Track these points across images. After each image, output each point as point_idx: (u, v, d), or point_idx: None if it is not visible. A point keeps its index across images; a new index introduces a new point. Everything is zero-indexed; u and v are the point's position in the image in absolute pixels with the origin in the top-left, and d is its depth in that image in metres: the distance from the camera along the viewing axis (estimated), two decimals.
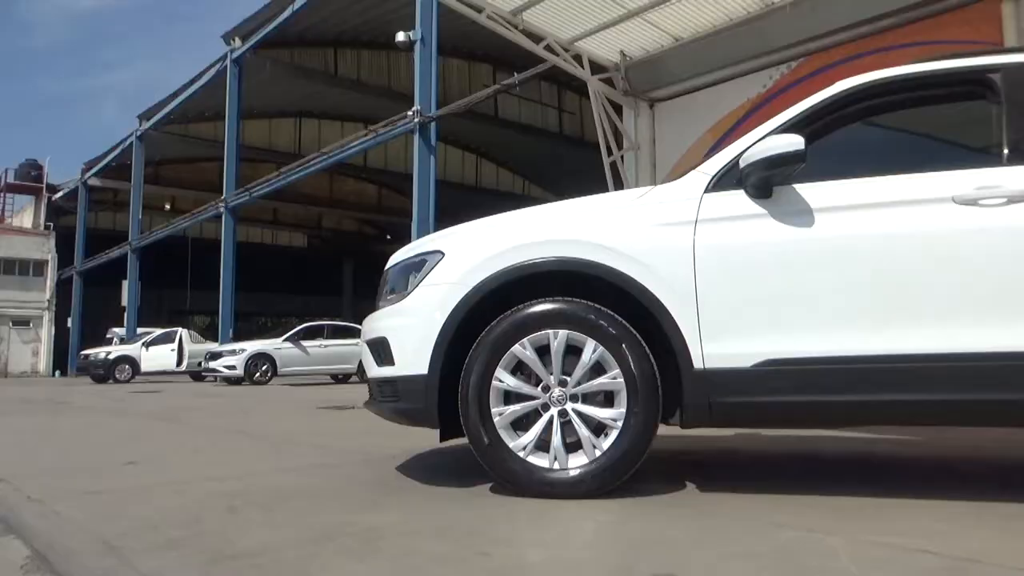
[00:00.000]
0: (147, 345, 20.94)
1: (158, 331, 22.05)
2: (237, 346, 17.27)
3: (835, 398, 2.52)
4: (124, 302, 28.58)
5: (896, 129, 2.99)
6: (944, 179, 2.54)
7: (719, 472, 3.40)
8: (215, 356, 17.07)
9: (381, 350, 2.97)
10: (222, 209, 23.07)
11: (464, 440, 2.80)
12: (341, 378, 17.71)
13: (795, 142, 2.51)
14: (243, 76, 23.29)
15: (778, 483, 3.03)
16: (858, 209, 2.58)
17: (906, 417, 2.69)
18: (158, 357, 20.59)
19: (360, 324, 3.51)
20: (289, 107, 30.74)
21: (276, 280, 39.14)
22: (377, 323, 3.05)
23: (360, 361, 13.06)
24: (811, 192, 2.61)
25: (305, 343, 16.92)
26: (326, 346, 17.04)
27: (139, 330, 25.49)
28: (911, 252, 2.51)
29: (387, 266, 3.22)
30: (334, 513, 2.49)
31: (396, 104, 20.32)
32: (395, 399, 2.91)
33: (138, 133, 28.84)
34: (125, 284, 28.90)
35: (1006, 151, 2.58)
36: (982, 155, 2.72)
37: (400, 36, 14.84)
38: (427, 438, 3.51)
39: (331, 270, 42.94)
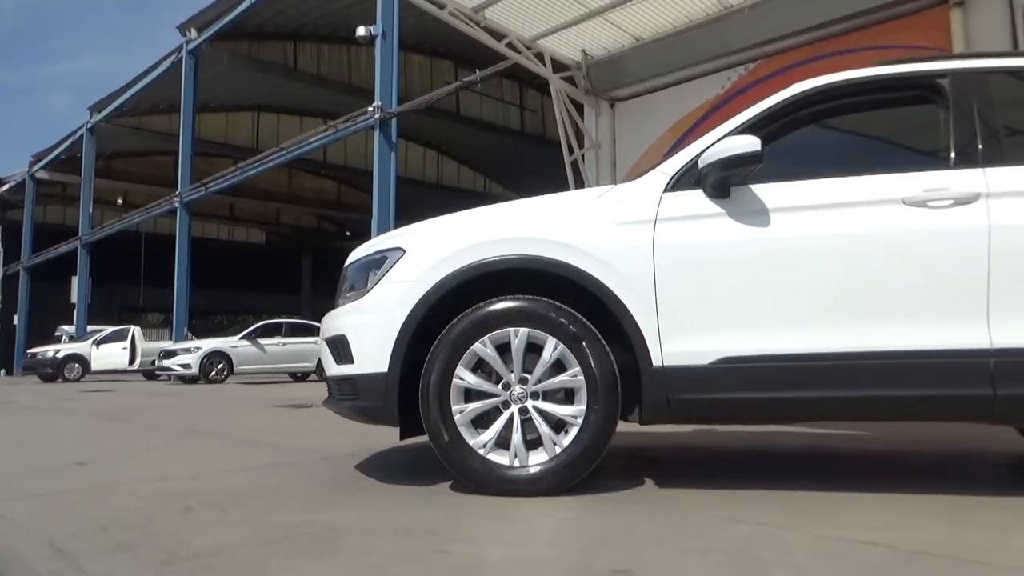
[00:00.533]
0: (98, 343, 20.39)
1: (109, 329, 21.49)
2: (192, 344, 16.91)
3: (790, 394, 2.57)
4: (74, 299, 27.77)
5: (849, 132, 3.06)
6: (894, 181, 2.61)
7: (677, 468, 3.44)
8: (169, 354, 16.70)
9: (340, 348, 2.94)
10: (177, 204, 22.56)
11: (424, 438, 2.78)
12: (299, 376, 17.48)
13: (752, 143, 2.55)
14: (199, 68, 22.79)
15: (734, 479, 3.08)
16: (812, 210, 2.63)
17: (858, 412, 2.75)
18: (109, 355, 20.06)
19: (319, 322, 3.47)
20: (247, 101, 30.20)
21: (233, 277, 38.47)
22: (336, 321, 3.02)
23: (319, 359, 12.92)
24: (767, 193, 2.66)
25: (262, 341, 16.66)
26: (284, 344, 16.80)
27: (89, 328, 24.81)
28: (862, 252, 2.57)
29: (347, 263, 3.19)
30: (291, 512, 2.46)
31: (356, 99, 20.13)
32: (354, 397, 2.89)
33: (89, 125, 28.04)
34: (75, 280, 28.08)
35: (953, 154, 2.66)
36: (931, 158, 2.80)
37: (361, 31, 14.68)
38: (386, 436, 3.49)
39: (289, 267, 42.33)
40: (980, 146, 2.64)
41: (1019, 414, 2.70)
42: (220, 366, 16.14)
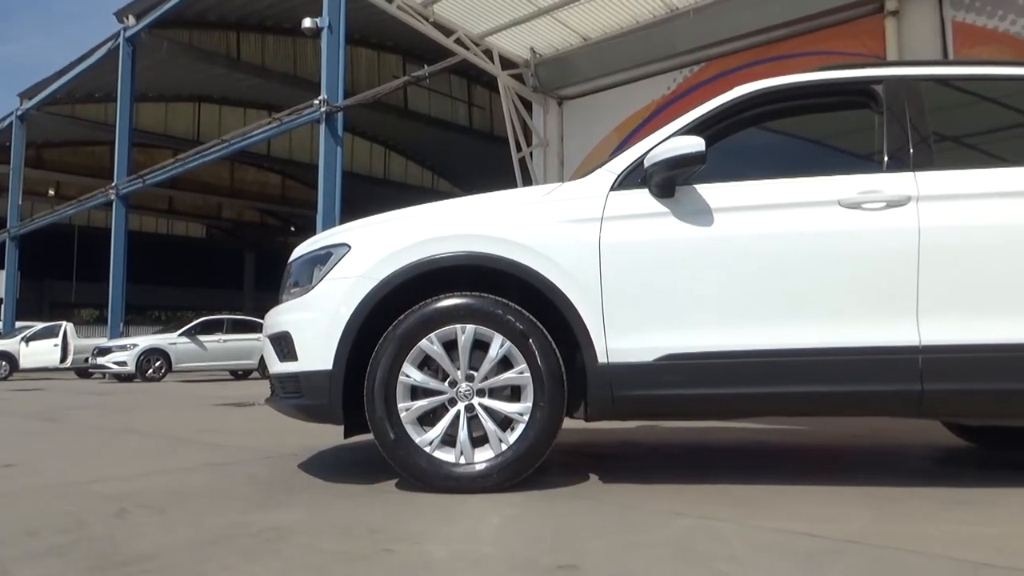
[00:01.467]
0: (27, 340, 19.55)
1: (40, 325, 20.64)
2: (128, 341, 16.39)
3: (731, 390, 2.63)
4: (1, 294, 26.62)
5: (790, 134, 3.14)
6: (831, 183, 2.70)
7: (620, 464, 3.49)
8: (104, 352, 16.14)
9: (284, 345, 2.89)
10: (112, 196, 21.82)
11: (369, 436, 2.76)
12: (241, 374, 17.11)
13: (696, 144, 2.60)
14: (137, 56, 22.09)
15: (676, 473, 3.14)
16: (753, 210, 2.70)
17: (796, 408, 2.84)
18: (39, 353, 19.25)
19: (262, 318, 3.40)
20: (187, 91, 29.39)
21: (172, 272, 37.45)
22: (280, 317, 2.97)
23: (261, 357, 12.66)
24: (711, 193, 2.71)
25: (203, 338, 16.24)
26: (225, 341, 16.41)
27: (18, 324, 23.80)
28: (801, 252, 2.65)
29: (291, 259, 3.14)
30: (232, 514, 2.41)
31: (302, 92, 19.79)
32: (298, 395, 2.84)
33: (19, 113, 26.89)
34: (2, 275, 26.91)
35: (886, 158, 2.76)
36: (866, 161, 2.90)
37: (307, 22, 14.45)
38: (330, 435, 3.45)
39: (231, 262, 41.39)
40: (911, 151, 2.74)
41: (945, 408, 2.82)
42: (158, 364, 15.68)
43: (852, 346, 2.58)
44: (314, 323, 2.78)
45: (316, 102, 14.60)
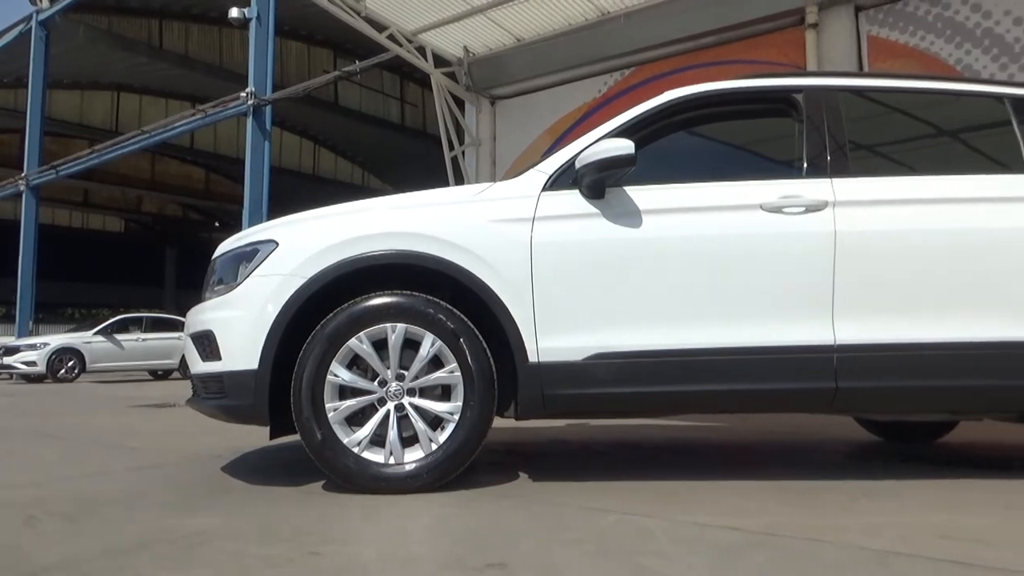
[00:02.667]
0: None
1: None
2: (38, 340, 15.57)
3: (658, 388, 2.70)
4: None
5: (716, 139, 3.24)
6: (754, 188, 2.79)
7: (550, 462, 3.52)
8: (11, 351, 15.28)
9: (207, 344, 2.81)
10: (22, 187, 20.71)
11: (295, 437, 2.71)
12: (161, 374, 16.50)
13: (626, 146, 2.65)
14: (51, 41, 21.02)
15: (604, 470, 3.19)
16: (680, 212, 2.77)
17: (720, 405, 2.93)
18: None
19: (183, 316, 3.29)
20: (105, 79, 28.11)
21: (87, 268, 35.77)
22: (203, 315, 2.88)
23: (183, 356, 12.25)
24: (640, 195, 2.77)
25: (120, 336, 15.57)
26: (144, 340, 15.79)
27: None
28: (725, 254, 2.73)
29: (215, 255, 3.05)
30: (150, 519, 2.32)
31: (228, 84, 19.23)
32: (221, 396, 2.76)
33: None
34: None
35: (805, 165, 2.87)
36: (787, 167, 3.00)
37: (234, 12, 14.05)
38: (255, 436, 3.37)
39: (151, 258, 39.80)
40: (829, 158, 2.86)
41: (858, 405, 2.96)
42: (71, 364, 14.97)
43: (772, 345, 2.68)
44: (239, 322, 2.71)
45: (243, 94, 14.21)
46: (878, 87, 3.17)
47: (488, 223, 2.74)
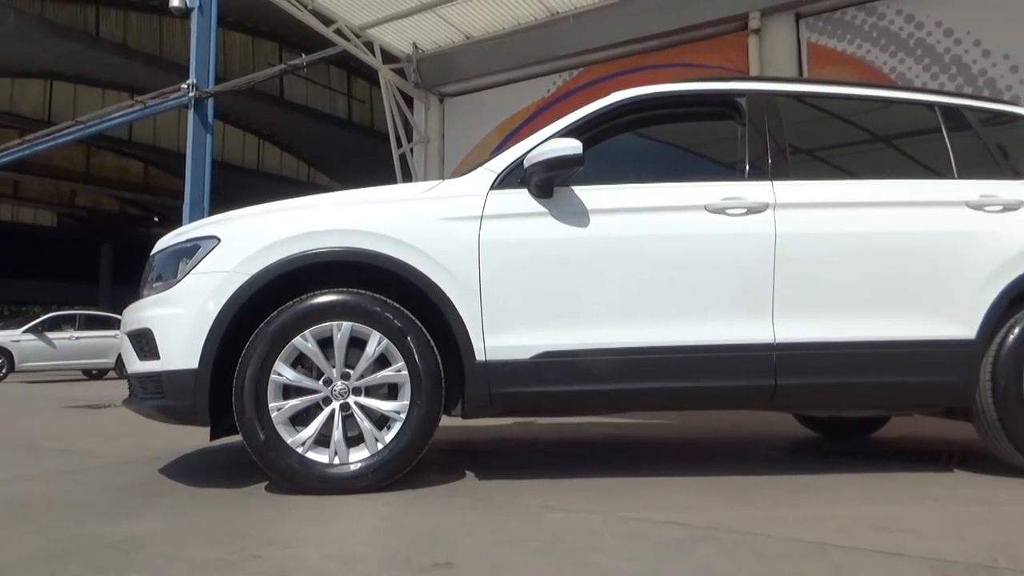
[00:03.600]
0: None
1: None
2: None
3: (603, 387, 2.73)
4: None
5: (663, 141, 3.29)
6: (699, 189, 2.85)
7: (496, 461, 3.53)
8: None
9: (144, 342, 2.73)
10: None
11: (237, 438, 2.65)
12: (96, 374, 15.95)
13: (574, 146, 2.67)
14: None
15: (550, 469, 3.21)
16: (627, 213, 2.80)
17: (664, 403, 2.97)
18: None
19: (119, 314, 3.19)
20: (38, 67, 26.97)
21: (16, 263, 34.32)
22: (140, 313, 2.79)
23: (119, 355, 11.86)
24: (587, 195, 2.79)
25: (51, 335, 14.99)
26: (78, 338, 15.23)
27: None
28: (670, 254, 2.78)
29: (154, 251, 2.97)
30: (85, 524, 2.24)
31: (168, 75, 18.70)
32: (160, 396, 2.69)
33: None
34: None
35: (747, 167, 2.94)
36: (730, 169, 3.07)
37: (175, 1, 13.65)
38: (195, 438, 3.29)
39: (86, 254, 38.40)
40: (770, 161, 2.93)
41: (796, 402, 3.04)
42: None
43: (715, 344, 2.73)
44: (179, 320, 2.64)
45: (184, 86, 13.82)
46: (817, 93, 3.26)
47: (436, 221, 2.73)
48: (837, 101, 3.24)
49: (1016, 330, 2.84)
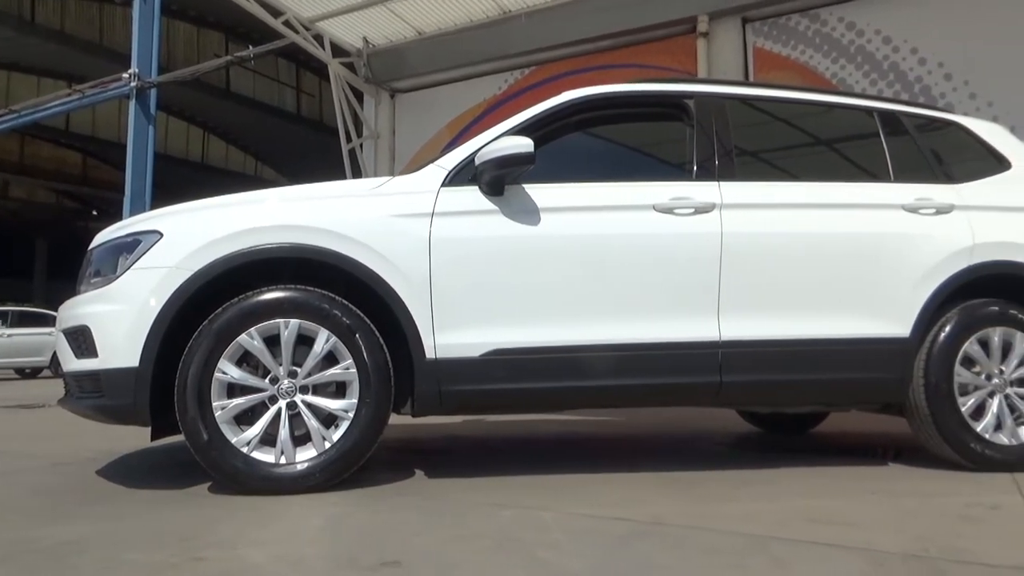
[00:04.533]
0: None
1: None
2: None
3: (552, 384, 2.75)
4: None
5: (613, 141, 3.32)
6: (648, 189, 2.89)
7: (446, 459, 3.52)
8: None
9: (82, 340, 2.64)
10: None
11: (179, 438, 2.59)
12: (29, 373, 15.38)
13: (525, 144, 2.67)
14: None
15: (500, 466, 3.21)
16: (577, 211, 2.83)
17: (612, 400, 3.01)
18: None
19: (54, 311, 3.08)
20: None
21: None
22: (77, 310, 2.70)
23: (54, 353, 11.45)
24: (538, 193, 2.80)
25: None
26: (10, 336, 14.66)
27: None
28: (619, 252, 2.81)
29: (92, 245, 2.87)
30: (15, 528, 2.16)
31: (109, 64, 18.08)
32: (98, 395, 2.61)
33: None
34: None
35: (695, 168, 2.99)
36: (679, 170, 3.11)
37: None
38: (134, 438, 3.20)
39: (19, 248, 36.92)
40: (717, 162, 2.99)
41: (740, 398, 3.11)
42: None
43: (663, 341, 2.77)
44: (118, 316, 2.56)
45: (126, 75, 13.39)
46: (763, 96, 3.34)
47: (387, 218, 2.71)
48: (782, 105, 3.32)
49: (947, 328, 2.96)
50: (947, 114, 3.59)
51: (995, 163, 3.33)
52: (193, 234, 2.63)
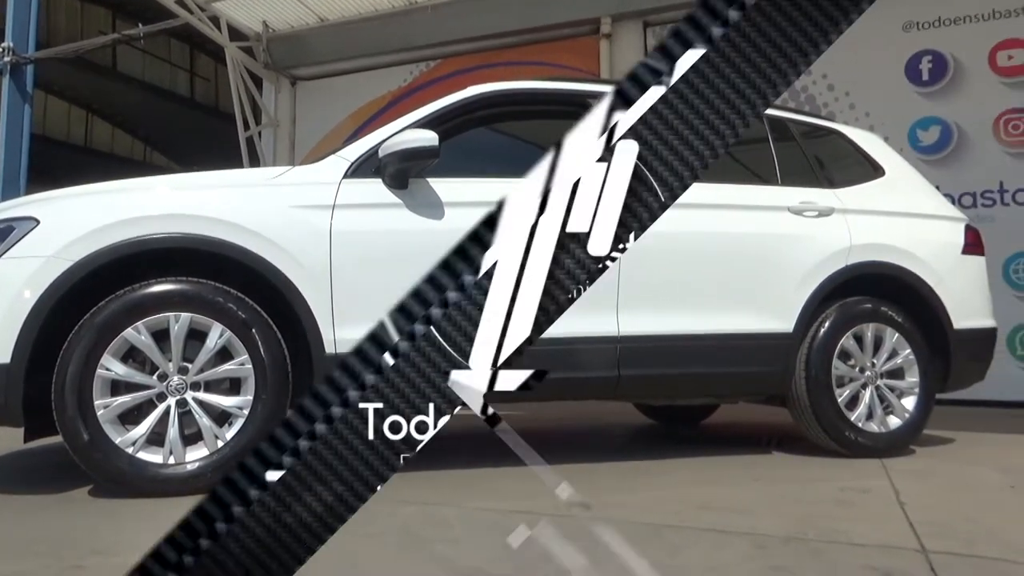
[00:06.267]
0: None
1: None
2: None
3: None
4: None
5: (518, 137, 3.35)
6: None
7: None
8: None
9: None
10: None
11: (56, 439, 2.43)
12: None
13: (430, 138, 2.65)
14: None
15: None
16: (481, 207, 2.80)
17: (515, 394, 3.02)
18: None
19: None
20: None
21: None
22: None
23: None
24: (442, 187, 2.79)
25: None
26: None
27: None
28: None
29: None
30: None
31: None
32: None
33: None
34: None
35: None
36: None
37: None
38: (5, 440, 2.98)
39: None
40: None
41: (636, 392, 3.21)
42: None
43: (564, 336, 2.81)
44: None
45: (0, 49, 12.43)
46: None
47: (285, 209, 2.63)
48: None
49: (826, 324, 3.15)
50: (830, 123, 3.82)
51: (871, 170, 3.57)
52: (74, 221, 2.47)
